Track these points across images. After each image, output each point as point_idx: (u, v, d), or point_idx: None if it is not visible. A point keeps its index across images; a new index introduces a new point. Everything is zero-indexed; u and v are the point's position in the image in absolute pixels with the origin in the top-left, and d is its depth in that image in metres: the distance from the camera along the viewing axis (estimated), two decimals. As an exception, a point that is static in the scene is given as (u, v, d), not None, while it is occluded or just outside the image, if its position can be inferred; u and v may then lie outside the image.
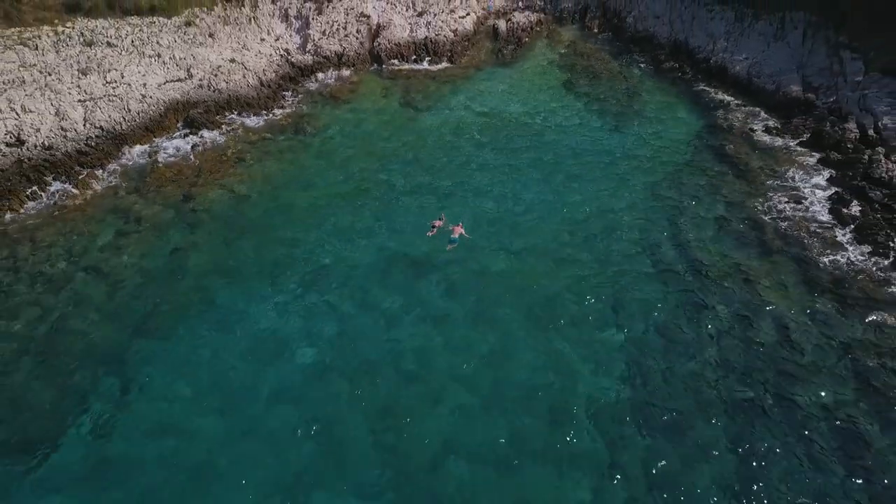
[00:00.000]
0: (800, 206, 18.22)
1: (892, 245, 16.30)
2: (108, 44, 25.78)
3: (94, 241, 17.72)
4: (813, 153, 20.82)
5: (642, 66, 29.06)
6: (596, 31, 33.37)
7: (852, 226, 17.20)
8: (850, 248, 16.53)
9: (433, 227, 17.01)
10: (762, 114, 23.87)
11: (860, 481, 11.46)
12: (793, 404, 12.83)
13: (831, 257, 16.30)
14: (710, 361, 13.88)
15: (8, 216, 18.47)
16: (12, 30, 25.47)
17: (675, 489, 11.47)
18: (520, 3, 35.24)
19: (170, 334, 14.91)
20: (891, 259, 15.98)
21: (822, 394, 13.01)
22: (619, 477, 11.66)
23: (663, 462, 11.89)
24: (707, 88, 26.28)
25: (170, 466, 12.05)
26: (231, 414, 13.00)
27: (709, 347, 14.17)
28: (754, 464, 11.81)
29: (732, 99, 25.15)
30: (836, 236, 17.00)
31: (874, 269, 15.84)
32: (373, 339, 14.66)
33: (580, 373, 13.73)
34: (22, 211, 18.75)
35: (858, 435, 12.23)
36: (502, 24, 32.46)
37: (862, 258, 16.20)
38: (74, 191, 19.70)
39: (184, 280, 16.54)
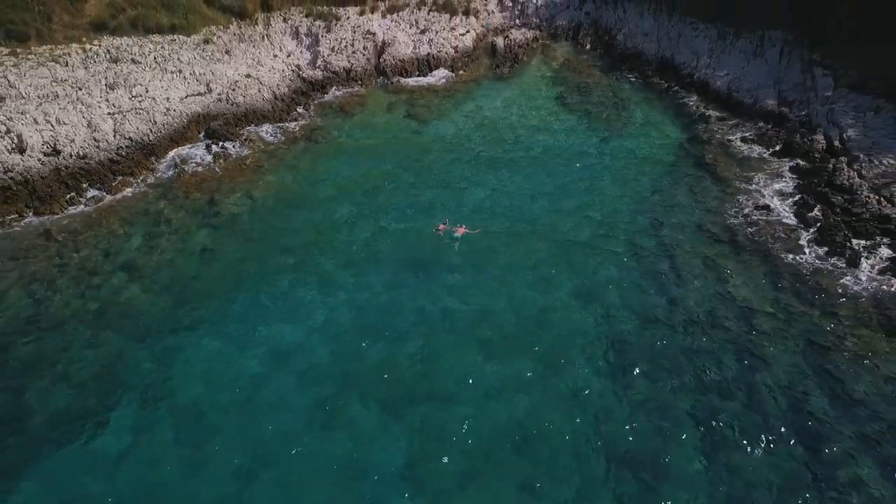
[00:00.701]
0: (769, 210, 20.11)
1: (848, 245, 18.16)
2: (133, 60, 27.69)
3: (129, 240, 19.57)
4: (783, 162, 22.73)
5: (631, 80, 30.98)
6: (588, 47, 35.24)
7: (814, 227, 19.08)
8: (812, 248, 18.41)
9: (438, 230, 18.88)
10: (740, 125, 25.74)
11: (808, 445, 13.25)
12: (753, 381, 14.64)
13: (794, 255, 18.17)
14: (681, 346, 15.70)
15: (51, 218, 20.35)
16: (44, 47, 27.39)
17: (647, 448, 13.28)
18: (517, 21, 37.17)
19: (200, 320, 16.77)
20: (846, 257, 17.81)
21: (780, 373, 14.82)
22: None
23: (636, 425, 13.70)
24: (690, 102, 28.18)
25: (219, 415, 13.86)
26: (263, 367, 14.85)
27: (682, 332, 16.00)
28: (715, 424, 13.63)
29: (713, 112, 27.03)
30: (800, 237, 18.88)
31: (831, 266, 17.70)
32: (385, 306, 17.11)
33: (563, 363, 15.55)
34: (63, 214, 20.62)
35: (809, 408, 14.01)
36: (500, 41, 34.36)
37: (821, 256, 18.06)
38: (109, 196, 21.57)
39: (210, 274, 18.41)
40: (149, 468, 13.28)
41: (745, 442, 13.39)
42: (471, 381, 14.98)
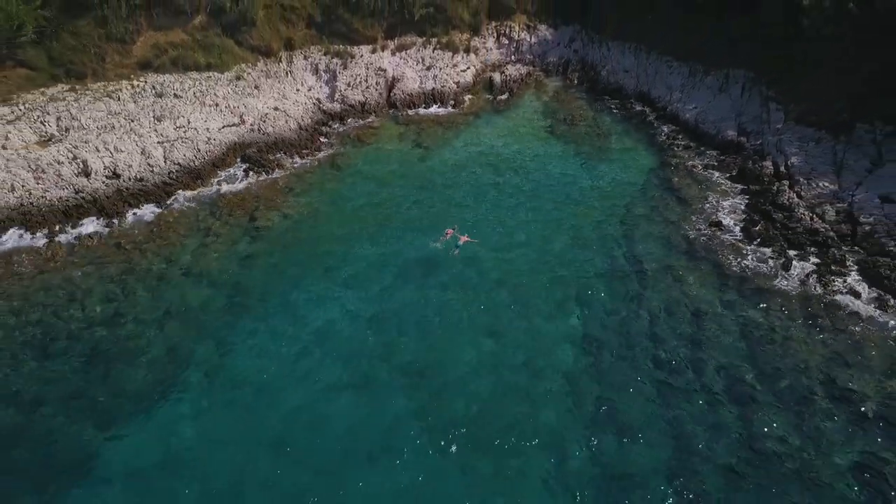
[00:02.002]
0: (721, 225, 23.91)
1: (783, 254, 21.94)
2: (175, 95, 31.66)
3: (185, 249, 23.30)
4: (737, 185, 26.57)
5: (612, 112, 34.99)
6: (576, 82, 39.27)
7: (757, 239, 22.87)
8: (753, 256, 22.17)
9: (445, 235, 22.73)
10: (704, 153, 29.61)
11: (738, 405, 16.90)
12: (699, 361, 18.29)
13: (739, 261, 21.93)
14: (644, 334, 19.38)
15: (117, 230, 24.14)
16: (98, 84, 31.38)
17: (612, 418, 16.95)
18: (512, 57, 41.25)
19: (245, 312, 20.44)
20: (781, 263, 21.59)
21: (722, 357, 18.45)
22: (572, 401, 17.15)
23: (605, 391, 17.37)
24: (663, 132, 32.08)
25: (264, 395, 17.50)
26: (303, 352, 18.52)
27: (644, 324, 19.70)
28: (670, 396, 17.29)
29: (682, 141, 30.91)
30: (744, 247, 22.67)
31: (768, 270, 21.46)
32: (402, 299, 20.83)
33: (549, 347, 19.26)
34: (128, 227, 24.39)
35: (745, 383, 17.62)
36: (497, 77, 38.40)
37: (761, 262, 21.83)
38: (165, 212, 25.38)
39: (252, 276, 22.08)
40: (210, 424, 16.77)
41: (690, 403, 17.03)
42: (466, 352, 18.72)
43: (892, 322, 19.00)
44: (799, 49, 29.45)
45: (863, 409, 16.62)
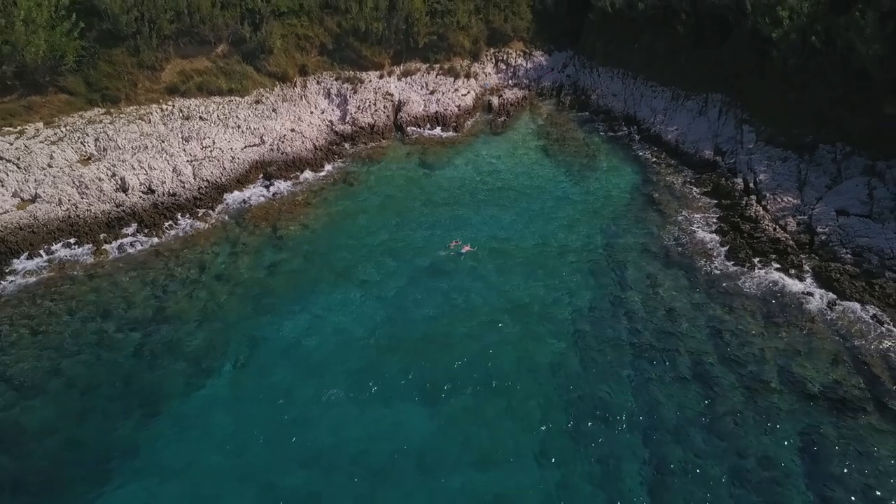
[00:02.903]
0: (695, 235, 26.79)
1: (748, 260, 24.77)
2: (200, 118, 34.60)
3: (216, 257, 26.10)
4: (711, 199, 29.43)
5: (601, 133, 38.01)
6: (568, 105, 42.31)
7: (726, 247, 25.72)
8: (722, 262, 25.00)
9: (451, 245, 25.57)
10: (683, 171, 32.47)
11: (703, 386, 19.63)
12: (671, 350, 21.05)
13: (709, 267, 24.76)
14: (624, 328, 22.17)
15: (156, 240, 26.96)
16: (131, 107, 34.27)
17: (591, 396, 19.70)
18: (509, 82, 44.31)
19: (272, 312, 23.16)
20: (746, 268, 24.42)
21: (691, 347, 21.21)
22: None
23: (587, 376, 20.12)
24: (646, 151, 35.06)
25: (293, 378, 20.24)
26: (326, 342, 21.29)
27: (624, 319, 22.50)
28: (645, 379, 20.05)
29: (664, 159, 33.86)
30: (714, 254, 25.51)
31: (734, 274, 24.29)
32: (412, 298, 23.57)
33: (540, 339, 22.03)
34: (164, 238, 27.22)
35: (710, 369, 20.37)
36: (495, 100, 41.41)
37: (728, 268, 24.65)
38: (197, 224, 28.22)
39: (277, 281, 24.84)
40: (242, 406, 19.37)
41: (661, 385, 19.77)
42: (467, 345, 21.50)
43: (839, 318, 21.78)
44: (769, 76, 32.42)
45: (808, 391, 19.34)
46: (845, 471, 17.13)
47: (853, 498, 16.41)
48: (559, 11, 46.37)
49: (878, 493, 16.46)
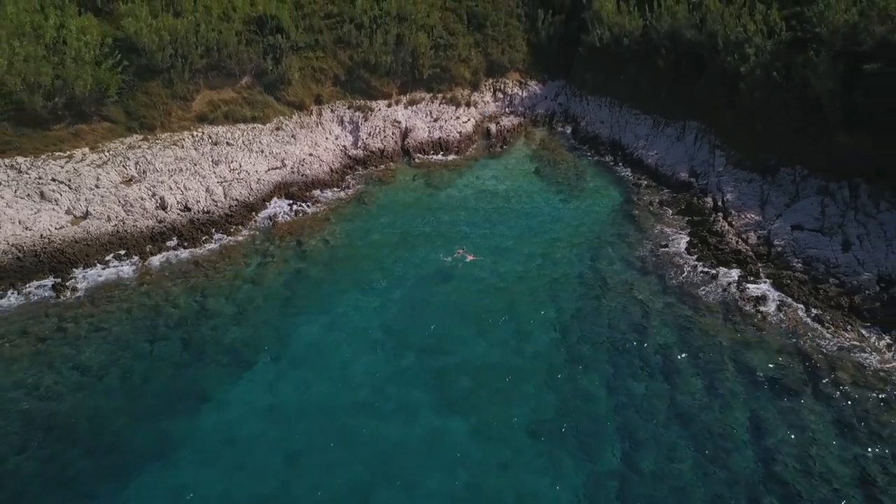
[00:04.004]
0: (668, 247, 30.48)
1: (712, 269, 28.45)
2: (228, 143, 38.37)
3: (248, 266, 29.76)
4: (684, 216, 33.08)
5: (588, 157, 41.76)
6: (559, 131, 46.27)
7: (694, 258, 29.43)
8: (690, 271, 28.67)
9: (457, 253, 29.28)
10: (661, 191, 36.17)
11: (668, 376, 23.18)
12: (644, 345, 24.63)
13: (679, 275, 28.40)
14: (604, 325, 25.76)
15: (195, 252, 30.66)
16: (166, 134, 37.93)
17: (574, 380, 23.26)
18: (506, 110, 48.08)
19: (299, 312, 26.76)
20: (710, 276, 28.10)
21: (661, 344, 24.78)
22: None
23: (571, 370, 23.68)
24: (629, 174, 38.78)
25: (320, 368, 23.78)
26: (347, 340, 24.87)
27: (603, 318, 26.10)
28: (620, 370, 23.62)
29: (644, 181, 37.52)
30: (684, 264, 29.19)
31: (701, 281, 27.94)
32: (420, 300, 26.93)
33: (531, 334, 25.62)
34: (202, 250, 30.88)
35: (676, 360, 23.93)
36: (493, 127, 45.14)
37: (696, 275, 28.31)
38: (230, 238, 31.91)
39: (302, 287, 28.42)
40: (276, 393, 22.83)
41: (634, 371, 23.35)
42: (468, 337, 25.05)
43: (786, 317, 25.41)
44: (739, 107, 36.26)
45: (757, 377, 22.88)
46: (785, 442, 20.58)
47: (791, 464, 19.83)
48: (552, 44, 50.20)
49: (812, 461, 19.85)
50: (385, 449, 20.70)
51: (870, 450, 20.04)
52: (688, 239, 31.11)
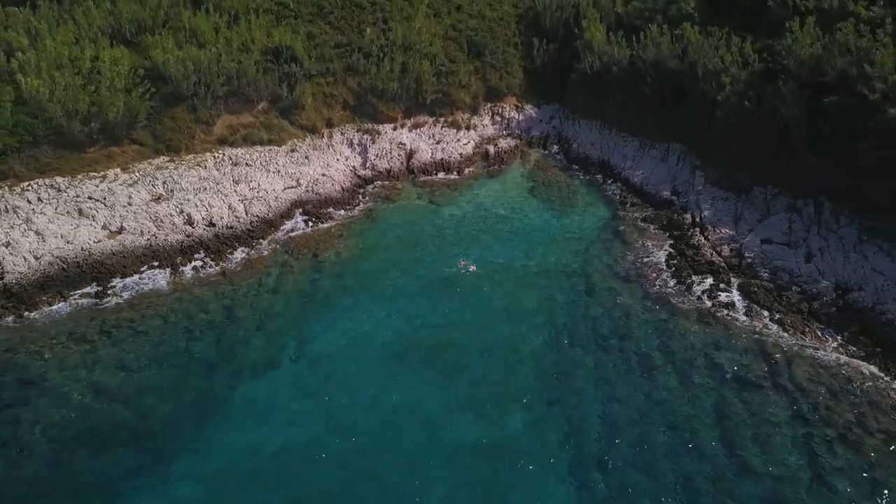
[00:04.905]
0: (649, 259, 33.63)
1: (688, 279, 31.57)
2: (246, 164, 41.57)
3: (269, 276, 32.85)
4: (665, 232, 36.26)
5: (580, 177, 44.86)
6: (553, 152, 49.56)
7: (672, 269, 32.58)
8: (669, 280, 31.79)
9: (460, 264, 32.40)
10: (645, 208, 39.20)
11: (646, 375, 26.23)
12: (624, 345, 27.67)
13: (658, 284, 31.52)
14: (590, 328, 28.84)
15: (221, 264, 33.79)
16: (190, 155, 41.04)
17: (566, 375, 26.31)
18: (503, 133, 51.23)
19: (316, 317, 29.83)
20: (686, 285, 31.22)
21: (641, 344, 27.82)
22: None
23: (557, 369, 26.73)
24: (617, 192, 41.99)
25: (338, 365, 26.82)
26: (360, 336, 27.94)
27: (589, 321, 29.18)
28: (602, 367, 26.67)
29: (630, 199, 40.67)
30: (663, 273, 32.34)
31: (676, 290, 31.05)
32: (425, 306, 29.87)
33: (526, 335, 28.70)
34: (227, 261, 34.00)
35: (652, 358, 26.95)
36: (491, 149, 48.20)
37: (673, 285, 31.43)
38: (252, 251, 35.06)
39: (319, 294, 31.53)
40: (298, 387, 25.86)
41: (615, 368, 26.39)
42: (466, 335, 28.14)
43: (752, 321, 28.52)
44: (716, 131, 39.49)
45: (727, 375, 25.91)
46: (748, 431, 23.54)
47: (752, 447, 22.79)
48: (547, 71, 53.22)
49: (770, 444, 22.84)
50: (389, 436, 23.75)
51: (820, 434, 23.02)
52: (668, 251, 34.27)
